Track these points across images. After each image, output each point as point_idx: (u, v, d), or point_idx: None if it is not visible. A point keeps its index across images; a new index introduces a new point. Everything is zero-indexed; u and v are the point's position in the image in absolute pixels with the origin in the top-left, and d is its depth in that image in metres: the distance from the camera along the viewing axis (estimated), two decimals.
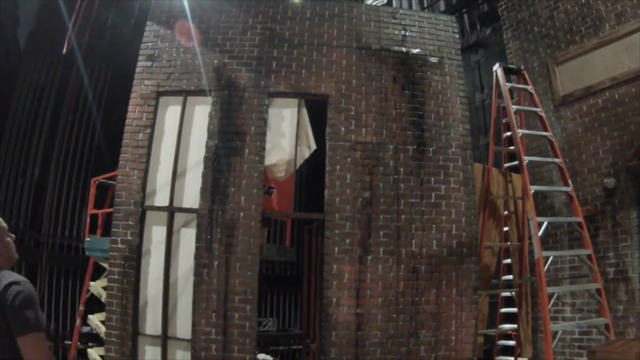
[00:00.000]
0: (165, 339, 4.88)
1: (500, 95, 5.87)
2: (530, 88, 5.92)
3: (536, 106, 5.81)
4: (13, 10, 9.75)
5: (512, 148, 5.74)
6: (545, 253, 4.96)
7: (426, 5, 10.76)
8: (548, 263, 5.08)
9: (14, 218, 9.30)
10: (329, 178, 5.13)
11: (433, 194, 5.21)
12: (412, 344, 4.83)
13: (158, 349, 4.86)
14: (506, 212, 6.24)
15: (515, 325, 5.86)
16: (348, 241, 4.98)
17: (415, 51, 5.66)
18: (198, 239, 4.94)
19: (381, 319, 4.85)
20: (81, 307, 6.99)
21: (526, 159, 5.29)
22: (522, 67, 6.31)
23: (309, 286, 7.02)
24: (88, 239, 6.07)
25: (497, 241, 6.15)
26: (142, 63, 5.47)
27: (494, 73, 5.94)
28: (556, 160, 5.52)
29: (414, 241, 5.06)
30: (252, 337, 4.76)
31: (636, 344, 4.18)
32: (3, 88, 9.75)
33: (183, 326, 4.88)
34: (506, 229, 6.22)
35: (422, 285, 4.97)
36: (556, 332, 4.99)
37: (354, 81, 5.44)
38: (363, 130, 5.30)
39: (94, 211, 6.36)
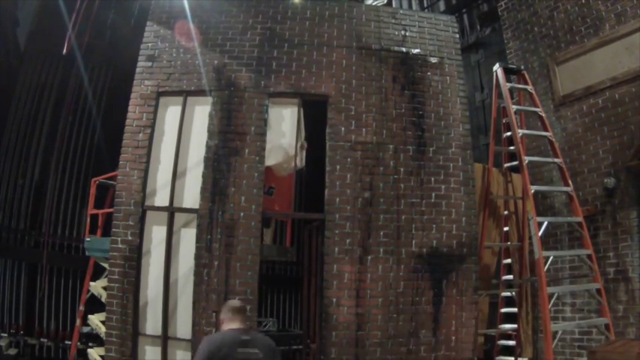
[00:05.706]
0: (165, 339, 4.87)
1: (500, 95, 5.88)
2: (530, 88, 5.93)
3: (536, 106, 5.82)
4: (13, 10, 9.76)
5: (512, 148, 5.75)
6: (545, 253, 4.97)
7: (426, 5, 10.76)
8: (549, 263, 5.09)
9: (14, 218, 9.31)
10: (329, 178, 5.13)
11: (433, 194, 5.21)
12: (412, 344, 4.83)
13: (158, 349, 4.86)
14: (506, 212, 6.25)
15: (516, 325, 5.86)
16: (348, 241, 4.98)
17: (415, 51, 5.66)
18: (198, 239, 4.94)
19: (381, 319, 4.85)
20: (81, 307, 6.98)
21: (526, 159, 5.30)
22: (522, 67, 6.32)
23: (309, 286, 7.02)
24: (88, 239, 6.07)
25: (497, 241, 6.15)
26: (142, 63, 5.47)
27: (495, 73, 5.95)
28: (556, 160, 5.52)
29: (414, 241, 5.06)
30: None
31: (636, 344, 4.18)
32: (3, 88, 9.76)
33: (183, 326, 4.88)
34: (506, 229, 6.22)
35: (422, 285, 4.97)
36: (556, 332, 4.99)
37: (354, 81, 5.44)
38: (363, 130, 5.30)
39: (94, 211, 6.37)
